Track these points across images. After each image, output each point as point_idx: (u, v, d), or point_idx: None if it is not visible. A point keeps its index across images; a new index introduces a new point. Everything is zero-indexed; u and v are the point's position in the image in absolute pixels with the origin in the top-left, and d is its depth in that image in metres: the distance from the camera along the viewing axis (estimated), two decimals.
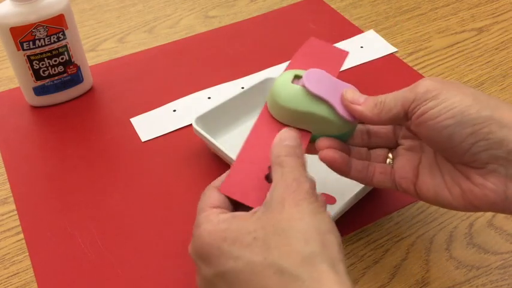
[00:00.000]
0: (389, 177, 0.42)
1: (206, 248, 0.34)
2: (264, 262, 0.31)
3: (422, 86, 0.37)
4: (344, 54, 0.47)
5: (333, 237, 0.32)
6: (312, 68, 0.41)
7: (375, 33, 0.72)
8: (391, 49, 0.70)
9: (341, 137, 0.42)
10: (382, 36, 0.72)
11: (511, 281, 0.45)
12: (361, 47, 0.70)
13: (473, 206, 0.37)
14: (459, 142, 0.36)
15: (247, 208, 0.36)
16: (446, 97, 0.36)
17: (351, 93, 0.40)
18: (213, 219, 0.34)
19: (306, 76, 0.40)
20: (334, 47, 0.48)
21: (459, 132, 0.35)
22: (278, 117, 0.41)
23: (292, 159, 0.35)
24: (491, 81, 0.65)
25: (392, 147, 0.44)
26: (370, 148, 0.44)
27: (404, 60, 0.68)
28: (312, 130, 0.41)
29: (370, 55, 0.69)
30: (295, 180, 0.34)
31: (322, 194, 0.50)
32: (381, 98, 0.39)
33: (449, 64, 0.68)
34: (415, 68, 0.67)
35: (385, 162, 0.43)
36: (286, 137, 0.37)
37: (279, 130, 0.38)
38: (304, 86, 0.40)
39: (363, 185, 0.48)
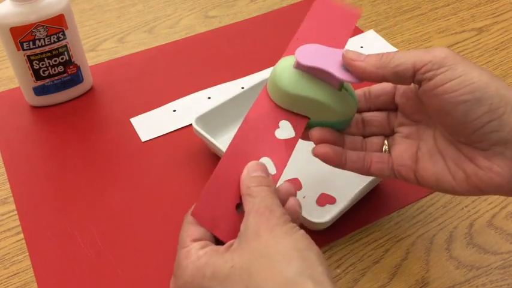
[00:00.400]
0: (387, 166, 0.41)
1: (188, 285, 0.33)
2: None
3: (441, 51, 0.36)
4: (355, 14, 0.44)
5: (311, 253, 0.32)
6: (304, 45, 0.40)
7: (375, 33, 0.72)
8: (391, 49, 0.70)
9: (339, 125, 0.41)
10: (382, 36, 0.72)
11: (511, 281, 0.45)
12: (361, 47, 0.70)
13: (478, 189, 0.36)
14: (473, 119, 0.35)
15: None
16: (465, 70, 0.35)
17: (352, 52, 0.39)
18: (192, 256, 0.34)
19: (297, 52, 0.39)
20: (344, 8, 0.45)
21: (476, 109, 0.34)
22: (278, 101, 0.41)
23: (262, 189, 0.35)
24: None
25: (388, 134, 0.43)
26: (365, 137, 0.43)
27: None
28: (310, 116, 0.40)
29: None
30: (267, 209, 0.34)
31: (322, 194, 0.51)
32: (389, 52, 0.38)
33: None
34: None
35: (382, 150, 0.42)
36: (254, 169, 0.37)
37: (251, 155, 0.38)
38: (297, 63, 0.39)
39: (362, 186, 0.48)
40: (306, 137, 0.41)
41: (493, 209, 0.51)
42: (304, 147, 0.55)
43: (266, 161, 0.39)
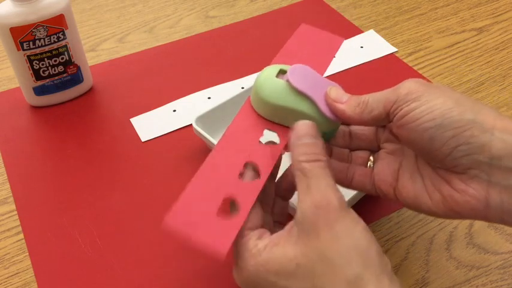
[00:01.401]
0: (369, 180, 0.41)
1: (253, 279, 0.34)
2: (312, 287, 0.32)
3: (404, 87, 0.37)
4: (338, 41, 0.46)
5: (372, 251, 0.32)
6: (296, 64, 0.40)
7: (375, 33, 0.72)
8: (391, 49, 0.70)
9: (324, 136, 0.41)
10: (382, 36, 0.72)
11: (511, 281, 0.45)
12: (361, 47, 0.70)
13: (454, 212, 0.36)
14: (440, 146, 0.35)
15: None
16: (428, 99, 0.35)
17: (335, 91, 0.39)
18: (251, 248, 0.35)
19: (290, 71, 0.39)
20: (328, 33, 0.46)
21: (440, 136, 0.35)
22: (260, 111, 0.41)
23: (315, 166, 0.35)
24: (491, 81, 0.65)
25: (374, 150, 0.43)
26: (351, 150, 0.43)
27: (404, 60, 0.68)
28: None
29: (370, 55, 0.69)
30: (323, 197, 0.33)
31: None
32: (364, 97, 0.39)
33: (449, 64, 0.68)
34: (415, 68, 0.67)
35: (366, 165, 0.42)
36: (304, 133, 0.36)
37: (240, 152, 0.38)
38: (288, 82, 0.39)
39: None
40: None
41: None
42: None
43: (251, 165, 0.38)
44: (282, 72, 0.41)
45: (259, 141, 0.39)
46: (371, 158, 0.42)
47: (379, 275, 0.31)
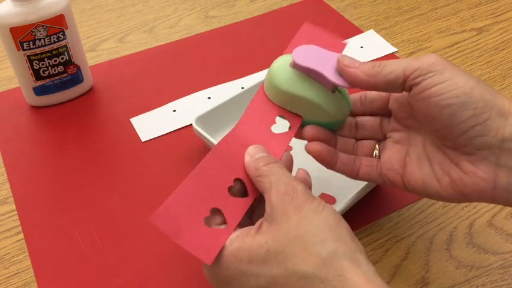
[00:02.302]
0: (376, 170, 0.42)
1: (225, 272, 0.34)
2: (286, 272, 0.32)
3: (429, 57, 0.37)
4: (341, 46, 0.45)
5: (343, 230, 0.33)
6: (300, 46, 0.41)
7: (375, 33, 0.72)
8: (391, 49, 0.70)
9: (332, 126, 0.42)
10: (382, 36, 0.72)
11: (511, 281, 0.45)
12: (361, 47, 0.70)
13: (462, 195, 0.37)
14: (458, 123, 0.35)
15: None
16: (452, 75, 0.36)
17: (348, 58, 0.40)
18: None
19: (294, 52, 0.40)
20: (331, 34, 0.46)
21: (461, 113, 0.35)
22: (272, 97, 0.42)
23: (272, 166, 0.36)
24: (491, 81, 0.65)
25: (380, 139, 0.43)
26: (357, 140, 0.44)
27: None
28: (303, 115, 0.41)
29: (370, 55, 0.69)
30: (287, 185, 0.34)
31: (322, 194, 0.50)
32: (381, 62, 0.39)
33: None
34: None
35: (372, 154, 0.43)
36: (256, 151, 0.38)
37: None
38: (294, 62, 0.40)
39: (362, 186, 0.48)
40: (299, 135, 0.42)
41: (493, 209, 0.51)
42: (303, 147, 0.55)
43: (240, 182, 0.38)
44: None
45: (271, 130, 0.39)
46: (377, 146, 0.43)
47: (353, 251, 0.32)
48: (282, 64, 0.41)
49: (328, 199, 0.50)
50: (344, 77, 0.39)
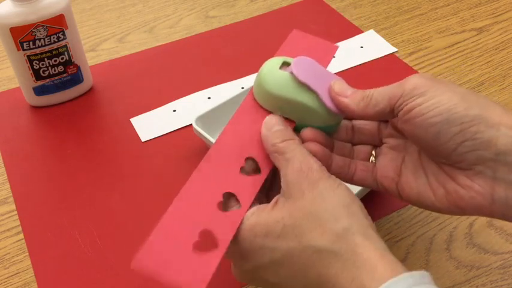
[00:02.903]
0: (371, 175, 0.41)
1: (241, 246, 0.35)
2: (300, 246, 0.33)
3: (410, 82, 0.37)
4: (333, 48, 0.45)
5: (356, 207, 0.34)
6: (301, 56, 0.40)
7: (375, 33, 0.72)
8: (391, 49, 0.70)
9: (326, 129, 0.41)
10: (382, 36, 0.72)
11: (511, 281, 0.45)
12: (361, 47, 0.70)
13: (458, 208, 0.36)
14: (446, 141, 0.35)
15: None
16: (434, 94, 0.35)
17: (339, 85, 0.39)
18: None
19: (294, 63, 0.39)
20: (321, 40, 0.45)
21: (446, 131, 0.34)
22: (263, 103, 0.40)
23: (289, 143, 0.36)
24: (491, 81, 0.65)
25: (377, 145, 0.43)
26: (354, 144, 0.43)
27: (405, 60, 0.68)
28: (296, 120, 0.40)
29: (370, 55, 0.69)
30: (302, 163, 0.35)
31: None
32: (369, 92, 0.39)
33: (449, 64, 0.68)
34: (415, 68, 0.67)
35: (369, 159, 0.42)
36: (273, 123, 0.38)
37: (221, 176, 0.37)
38: (292, 73, 0.39)
39: (361, 187, 0.48)
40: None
41: None
42: None
43: (230, 196, 0.37)
44: (285, 64, 0.40)
45: (240, 172, 0.37)
46: (373, 152, 0.42)
47: (366, 227, 0.33)
48: (271, 68, 0.40)
49: None
50: (336, 102, 0.39)
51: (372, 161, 0.42)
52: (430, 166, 0.38)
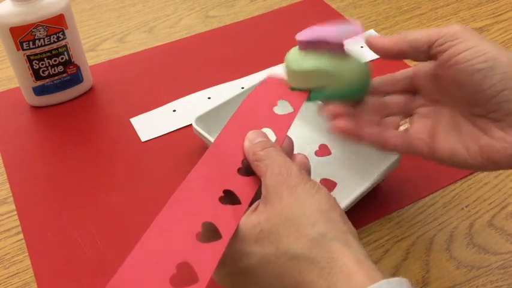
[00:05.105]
0: (403, 141, 0.42)
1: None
2: (277, 252, 0.32)
3: (454, 26, 0.38)
4: (304, 95, 0.44)
5: (335, 213, 0.33)
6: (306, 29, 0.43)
7: (375, 33, 0.72)
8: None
9: (353, 95, 0.42)
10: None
11: (511, 281, 0.45)
12: (361, 47, 0.70)
13: (492, 162, 0.37)
14: (487, 87, 0.36)
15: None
16: (478, 42, 0.36)
17: (373, 37, 0.42)
18: None
19: (298, 35, 0.42)
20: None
21: (490, 77, 0.35)
22: (291, 82, 0.43)
23: (269, 150, 0.36)
24: None
25: (405, 117, 0.44)
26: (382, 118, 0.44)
27: (405, 60, 0.68)
28: (329, 91, 0.42)
29: (370, 55, 0.69)
30: (282, 167, 0.35)
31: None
32: (407, 31, 0.40)
33: None
34: None
35: (397, 129, 0.43)
36: (255, 136, 0.38)
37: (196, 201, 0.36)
38: (300, 43, 0.42)
39: (363, 187, 0.48)
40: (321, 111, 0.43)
41: (493, 209, 0.51)
42: (306, 147, 0.55)
43: (209, 226, 0.35)
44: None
45: (219, 200, 0.36)
46: (405, 120, 0.43)
47: (344, 233, 0.32)
48: (292, 52, 0.44)
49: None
50: (372, 47, 0.41)
51: (403, 129, 0.43)
52: (463, 124, 0.39)
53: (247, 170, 0.37)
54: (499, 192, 0.52)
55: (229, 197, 0.36)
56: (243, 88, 0.61)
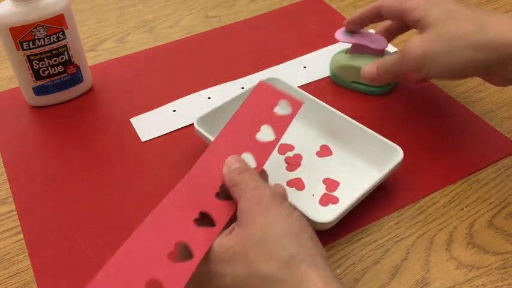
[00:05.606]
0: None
1: (195, 272, 0.35)
2: (249, 273, 0.34)
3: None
4: (298, 104, 0.45)
5: (305, 236, 0.35)
6: (340, 32, 0.59)
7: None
8: (391, 49, 0.70)
9: (385, 88, 0.61)
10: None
11: (511, 281, 0.45)
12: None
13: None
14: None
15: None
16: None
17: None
18: None
19: (336, 35, 0.59)
20: (288, 95, 0.45)
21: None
22: (335, 78, 0.63)
23: (245, 175, 0.38)
24: None
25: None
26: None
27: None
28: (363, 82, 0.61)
29: None
30: (255, 190, 0.36)
31: (325, 193, 0.51)
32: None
33: None
34: None
35: None
36: (233, 162, 0.39)
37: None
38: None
39: (364, 187, 0.48)
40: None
41: (493, 209, 0.51)
42: (307, 147, 0.55)
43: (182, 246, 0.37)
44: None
45: (195, 222, 0.37)
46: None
47: (313, 255, 0.34)
48: (338, 54, 0.63)
49: (331, 199, 0.50)
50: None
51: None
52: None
53: (226, 194, 0.39)
54: (499, 192, 0.52)
55: (205, 219, 0.37)
56: (243, 88, 0.61)
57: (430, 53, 0.48)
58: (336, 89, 0.63)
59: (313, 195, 0.50)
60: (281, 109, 0.44)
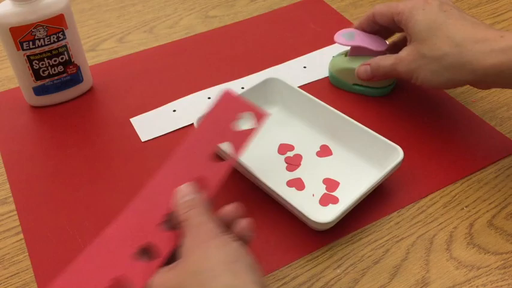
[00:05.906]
0: None
1: None
2: None
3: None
4: (264, 116, 0.45)
5: (241, 264, 0.35)
6: (339, 35, 0.60)
7: None
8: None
9: (384, 90, 0.61)
10: None
11: (511, 281, 0.45)
12: None
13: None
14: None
15: None
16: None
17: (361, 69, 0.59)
18: None
19: (335, 37, 0.59)
20: (253, 107, 0.46)
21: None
22: (339, 78, 0.63)
23: (194, 211, 0.38)
24: None
25: None
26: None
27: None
28: (363, 84, 0.61)
29: None
30: (199, 225, 0.37)
31: (325, 193, 0.51)
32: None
33: None
34: None
35: None
36: (184, 193, 0.39)
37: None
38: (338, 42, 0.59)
39: (364, 188, 0.48)
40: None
41: (493, 209, 0.51)
42: (307, 147, 0.55)
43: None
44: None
45: (134, 255, 0.38)
46: None
47: (248, 284, 0.34)
48: (337, 55, 0.63)
49: (331, 199, 0.50)
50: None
51: None
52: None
53: (172, 223, 0.39)
54: (499, 192, 0.52)
55: (147, 251, 0.38)
56: (243, 88, 0.61)
57: (416, 70, 0.52)
58: (336, 89, 0.63)
59: (313, 195, 0.50)
60: (244, 123, 0.44)
